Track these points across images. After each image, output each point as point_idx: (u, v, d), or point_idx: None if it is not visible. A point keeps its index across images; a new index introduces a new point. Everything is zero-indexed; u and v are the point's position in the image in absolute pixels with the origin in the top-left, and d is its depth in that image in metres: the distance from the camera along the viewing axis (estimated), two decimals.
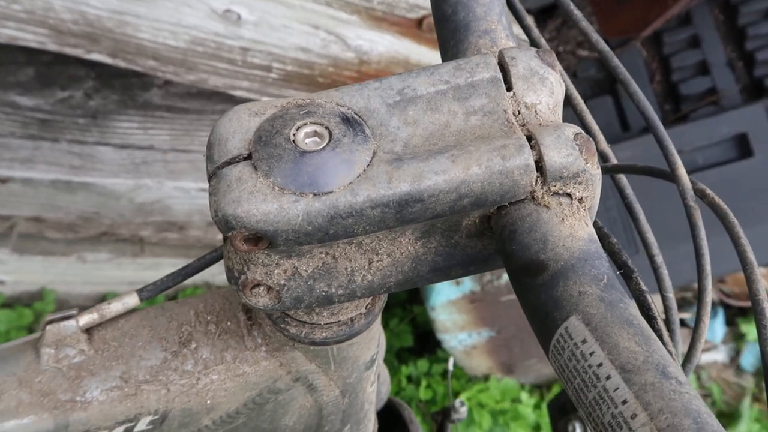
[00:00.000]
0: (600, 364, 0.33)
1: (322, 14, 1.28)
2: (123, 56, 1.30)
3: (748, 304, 2.39)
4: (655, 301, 0.55)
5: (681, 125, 1.89)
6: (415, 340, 2.21)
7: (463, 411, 1.02)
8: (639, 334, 0.33)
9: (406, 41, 1.37)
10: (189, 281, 2.01)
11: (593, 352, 0.33)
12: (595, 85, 2.01)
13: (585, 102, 1.90)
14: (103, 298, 2.04)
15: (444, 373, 2.12)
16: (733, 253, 0.46)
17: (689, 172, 1.79)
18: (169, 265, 1.93)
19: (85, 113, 1.48)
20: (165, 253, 1.90)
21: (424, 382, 2.14)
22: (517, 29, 0.74)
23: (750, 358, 2.48)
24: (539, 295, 0.37)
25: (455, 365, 2.09)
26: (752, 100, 1.95)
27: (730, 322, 2.50)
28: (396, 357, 2.23)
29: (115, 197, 1.54)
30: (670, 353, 0.45)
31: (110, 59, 1.30)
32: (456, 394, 2.11)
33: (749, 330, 2.44)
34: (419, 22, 1.32)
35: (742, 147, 1.84)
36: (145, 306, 0.56)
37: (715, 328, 2.45)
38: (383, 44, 1.36)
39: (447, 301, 1.85)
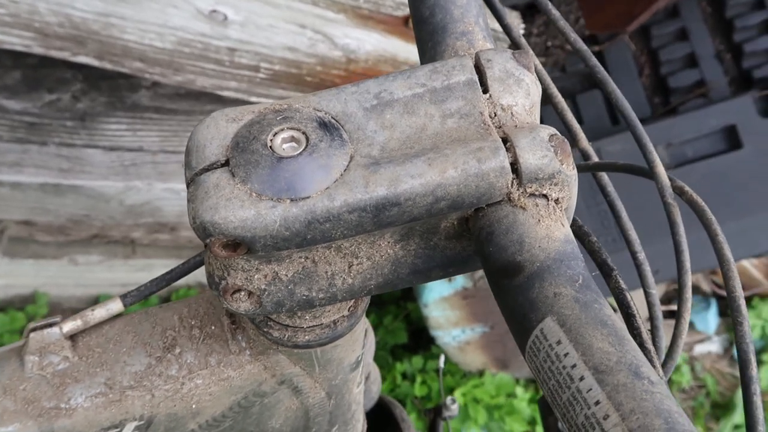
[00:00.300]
0: (574, 365, 0.33)
1: (309, 13, 1.28)
2: (109, 58, 1.29)
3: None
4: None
5: (670, 118, 1.89)
6: (409, 336, 2.21)
7: (455, 408, 1.02)
8: (613, 334, 0.34)
9: (394, 39, 1.37)
10: (182, 281, 2.01)
11: (567, 353, 0.34)
12: (584, 79, 2.02)
13: (574, 96, 1.90)
14: (96, 300, 2.04)
15: (438, 370, 2.13)
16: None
17: (678, 165, 1.79)
18: (162, 266, 1.93)
19: (73, 116, 1.48)
20: (157, 254, 1.90)
21: (419, 379, 2.14)
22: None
23: None
24: (516, 297, 0.38)
25: (449, 361, 2.09)
26: (741, 91, 1.95)
27: (723, 313, 2.51)
28: (390, 354, 2.24)
29: (105, 200, 1.54)
30: (649, 351, 0.46)
31: (97, 61, 1.29)
32: (451, 390, 2.12)
33: None
34: (406, 19, 1.32)
35: (731, 139, 1.85)
36: (130, 311, 0.56)
37: (708, 319, 2.46)
38: (370, 42, 1.36)
39: (440, 298, 1.86)
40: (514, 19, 1.43)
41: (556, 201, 0.41)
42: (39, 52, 1.25)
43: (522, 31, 1.47)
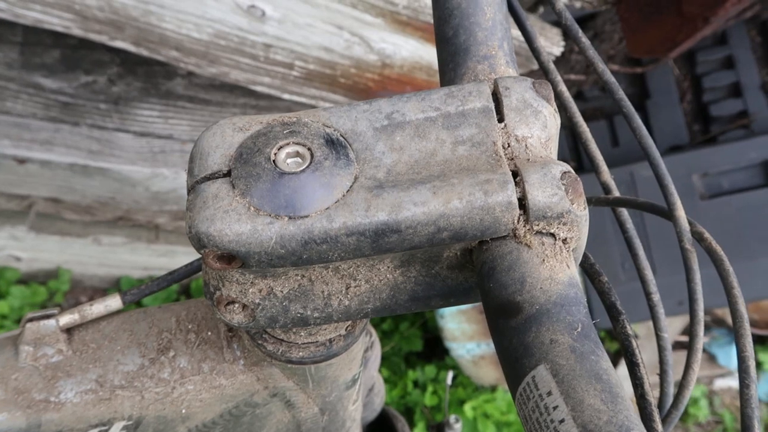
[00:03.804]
0: (562, 420, 0.32)
1: (347, 15, 1.27)
2: (146, 45, 1.30)
3: (766, 332, 2.34)
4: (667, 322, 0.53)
5: (709, 147, 1.85)
6: (424, 344, 2.20)
7: (458, 427, 1.00)
8: (607, 390, 0.32)
9: (431, 47, 1.35)
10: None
11: (557, 407, 0.32)
12: None
13: (612, 117, 1.85)
14: (117, 281, 2.06)
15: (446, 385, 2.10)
16: (749, 280, 0.45)
17: (713, 196, 1.75)
18: (183, 253, 1.94)
19: (108, 99, 1.49)
20: (180, 241, 1.91)
21: (430, 388, 2.12)
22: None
23: (765, 387, 2.44)
24: (511, 339, 0.36)
25: (462, 374, 2.07)
26: None
27: None
28: (404, 361, 2.22)
29: (131, 184, 1.54)
30: (649, 404, 0.44)
31: (134, 47, 1.30)
32: (462, 403, 2.10)
33: (766, 359, 2.39)
34: None
35: None
36: (128, 309, 0.56)
37: (731, 354, 2.41)
38: (407, 49, 1.35)
39: (456, 310, 1.84)
40: (555, 36, 1.41)
41: (564, 241, 0.39)
42: (78, 34, 1.26)
43: (562, 49, 1.44)
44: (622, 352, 0.47)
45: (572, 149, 1.96)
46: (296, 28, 1.29)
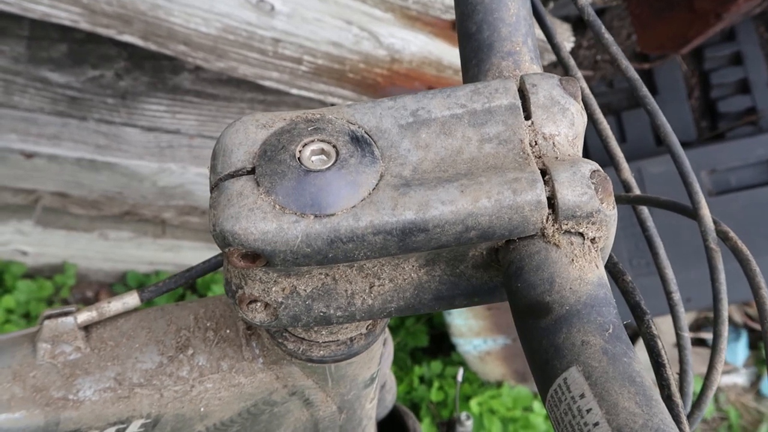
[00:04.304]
0: (596, 424, 0.31)
1: (356, 10, 1.27)
2: (154, 39, 1.29)
3: None
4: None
5: (716, 144, 1.84)
6: (430, 340, 2.19)
7: (469, 425, 1.00)
8: (641, 393, 0.32)
9: (440, 42, 1.35)
10: None
11: (590, 410, 0.32)
12: (631, 96, 1.97)
13: (619, 113, 1.85)
14: (123, 276, 2.05)
15: (456, 382, 2.10)
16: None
17: (720, 193, 1.74)
18: (190, 248, 1.94)
19: (115, 93, 1.48)
20: (186, 236, 1.91)
21: (436, 384, 2.12)
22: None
23: None
24: (541, 340, 0.36)
25: (468, 369, 2.07)
26: None
27: (753, 346, 2.44)
28: (410, 356, 2.22)
29: (138, 179, 1.54)
30: (676, 405, 0.43)
31: (142, 41, 1.29)
32: (467, 398, 2.10)
33: None
34: (454, 24, 1.30)
35: None
36: (146, 306, 0.55)
37: (737, 350, 2.40)
38: (416, 44, 1.34)
39: None
40: (565, 32, 1.40)
41: (592, 240, 0.38)
42: (85, 28, 1.26)
43: (572, 44, 1.44)
44: (648, 352, 0.46)
45: None
46: (305, 22, 1.28)
